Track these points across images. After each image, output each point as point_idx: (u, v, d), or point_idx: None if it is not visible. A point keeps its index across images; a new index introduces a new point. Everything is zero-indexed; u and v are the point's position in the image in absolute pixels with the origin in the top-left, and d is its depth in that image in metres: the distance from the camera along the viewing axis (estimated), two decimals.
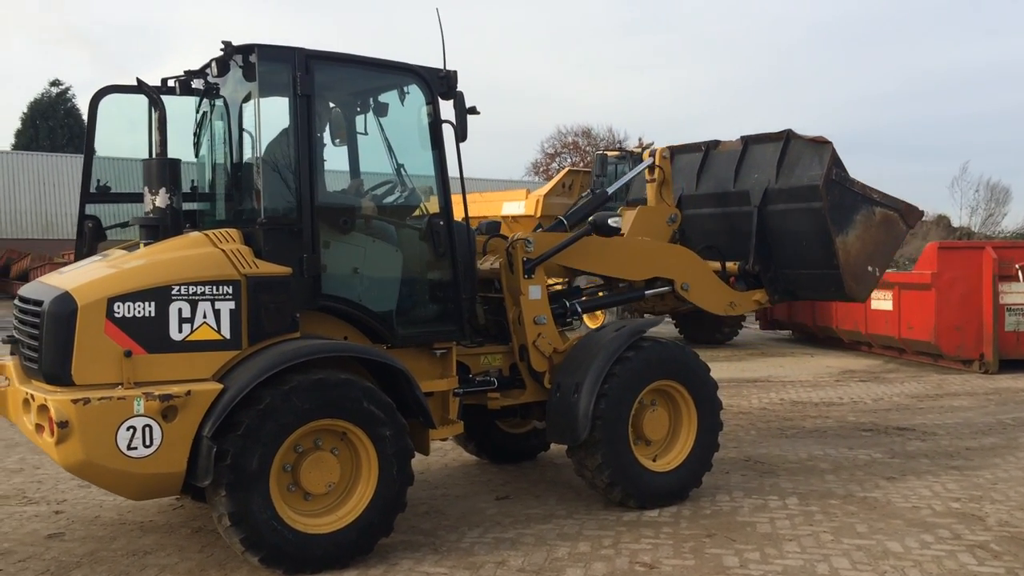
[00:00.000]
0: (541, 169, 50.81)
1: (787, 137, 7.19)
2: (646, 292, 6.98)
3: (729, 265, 7.41)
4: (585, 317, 15.88)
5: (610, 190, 7.63)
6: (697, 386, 6.30)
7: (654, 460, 6.18)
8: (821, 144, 6.96)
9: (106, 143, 5.83)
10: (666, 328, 16.62)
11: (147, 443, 4.43)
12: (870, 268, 7.21)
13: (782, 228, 7.20)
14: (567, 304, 6.62)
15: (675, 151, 8.06)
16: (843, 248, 6.96)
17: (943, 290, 12.50)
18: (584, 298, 7.09)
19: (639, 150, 16.16)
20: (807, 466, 7.27)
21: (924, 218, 28.72)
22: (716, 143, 7.88)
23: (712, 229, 7.71)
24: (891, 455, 7.67)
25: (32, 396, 4.55)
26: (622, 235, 6.91)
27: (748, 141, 7.55)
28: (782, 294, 7.53)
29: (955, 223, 30.56)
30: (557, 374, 6.13)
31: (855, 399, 10.55)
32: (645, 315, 7.87)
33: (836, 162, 6.89)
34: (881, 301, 13.74)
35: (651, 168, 7.46)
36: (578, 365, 6.00)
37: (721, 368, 12.69)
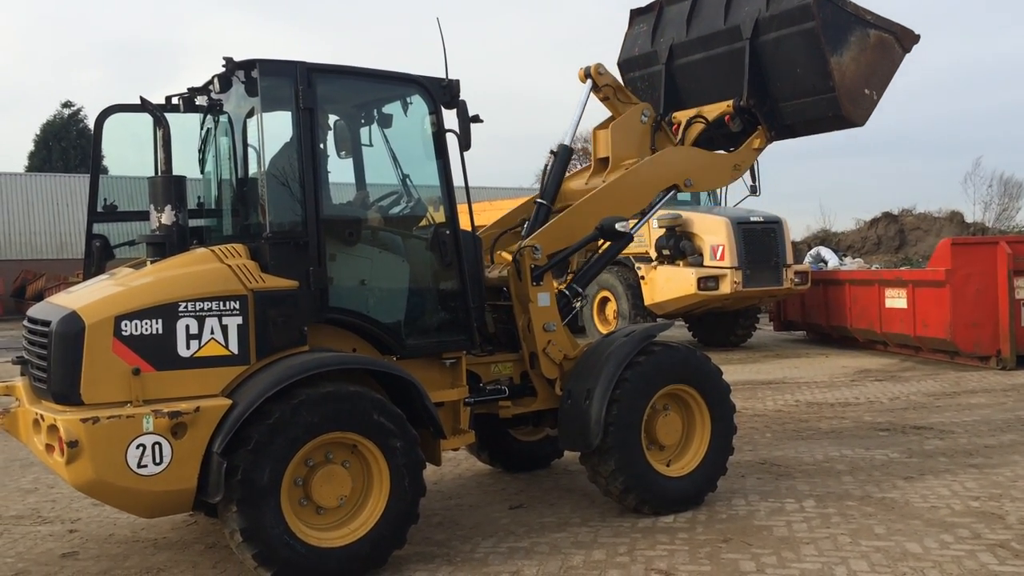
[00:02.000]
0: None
1: None
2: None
3: (722, 106, 7.24)
4: (597, 322, 15.95)
5: (567, 141, 7.18)
6: (709, 389, 6.25)
7: (668, 465, 6.14)
8: None
9: (115, 162, 5.87)
10: (679, 331, 16.58)
11: (157, 460, 4.42)
12: (867, 91, 7.07)
13: (775, 57, 7.05)
14: (566, 292, 6.57)
15: (664, 2, 7.89)
16: (838, 69, 6.82)
17: (958, 286, 12.40)
18: (576, 273, 6.89)
19: None
20: (824, 468, 7.21)
21: (937, 214, 28.12)
22: None
23: (705, 74, 7.52)
24: (908, 455, 7.59)
25: (42, 416, 4.56)
26: (603, 183, 6.80)
27: None
28: (780, 131, 7.35)
29: (968, 219, 30.31)
30: (568, 381, 6.10)
31: (871, 399, 10.46)
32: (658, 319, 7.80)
33: None
34: (896, 299, 13.67)
35: (595, 89, 7.24)
36: (589, 371, 5.97)
37: (735, 370, 12.64)
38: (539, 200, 6.96)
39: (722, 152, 7.29)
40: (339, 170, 5.74)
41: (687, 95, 7.63)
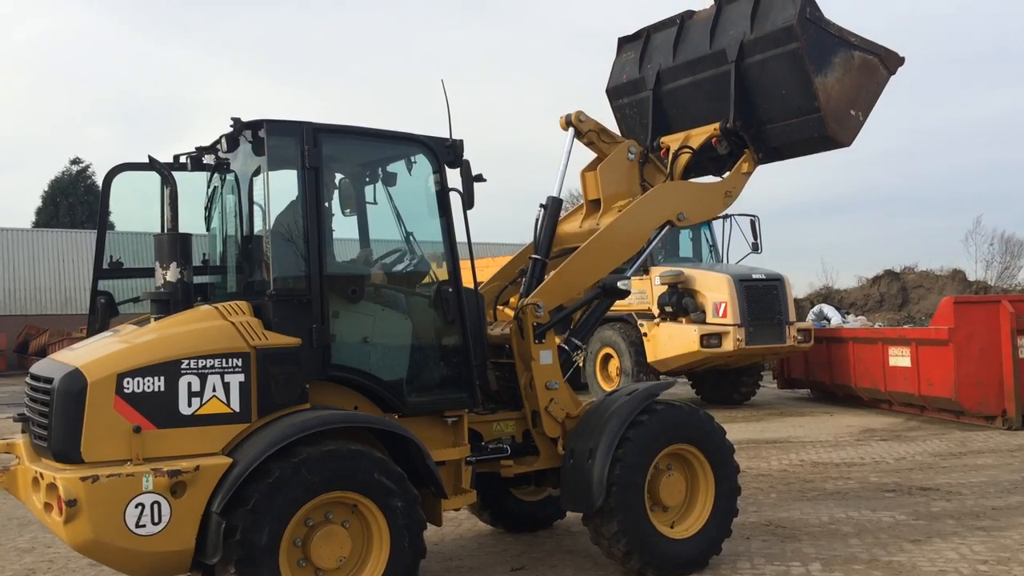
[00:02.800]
0: None
1: None
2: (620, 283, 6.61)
3: (709, 129, 7.22)
4: (600, 379, 15.90)
5: (555, 193, 7.12)
6: (713, 450, 6.20)
7: (672, 527, 6.06)
8: None
9: (121, 218, 5.93)
10: (682, 388, 16.50)
11: (156, 520, 4.38)
12: (852, 112, 7.07)
13: (761, 79, 7.06)
14: (564, 347, 6.55)
15: (651, 30, 7.92)
16: (823, 89, 6.83)
17: (961, 345, 12.37)
18: (574, 326, 6.85)
19: None
20: (830, 530, 7.11)
21: (939, 272, 28.13)
22: (691, 13, 7.70)
23: (692, 98, 7.52)
24: (915, 516, 7.50)
25: (41, 475, 4.53)
26: (596, 227, 6.80)
27: (721, 2, 7.40)
28: (767, 153, 7.32)
29: (970, 277, 30.31)
30: (571, 440, 6.06)
31: (877, 459, 10.37)
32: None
33: (810, 1, 6.79)
34: (899, 358, 13.63)
35: (578, 136, 7.22)
36: (591, 430, 5.93)
37: (739, 429, 12.54)
38: (534, 256, 6.92)
39: (711, 181, 7.26)
40: (343, 226, 5.80)
41: (675, 120, 7.66)
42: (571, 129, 7.19)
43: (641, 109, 7.94)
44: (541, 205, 7.02)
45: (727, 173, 7.38)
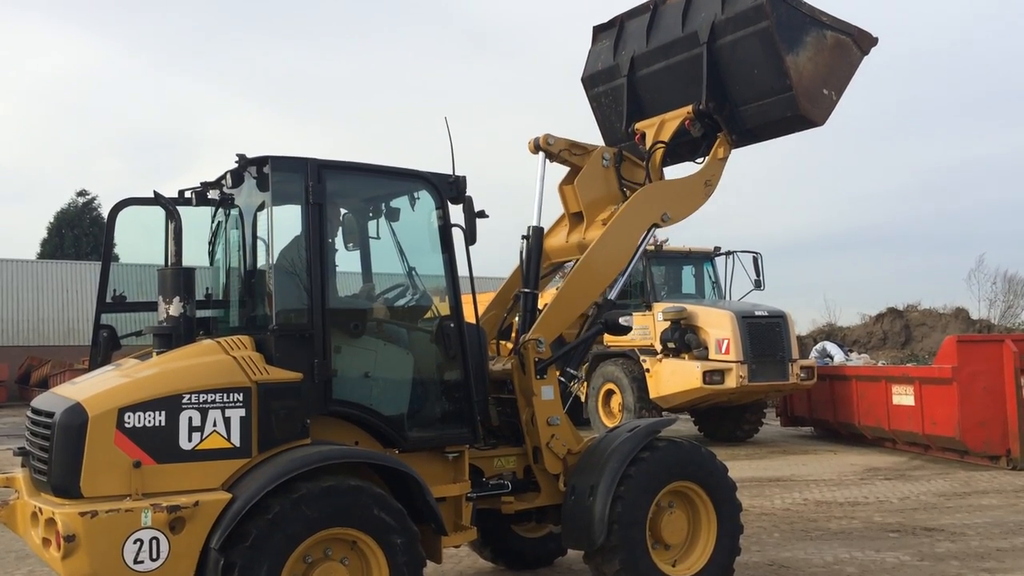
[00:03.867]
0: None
1: None
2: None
3: (683, 111, 7.18)
4: (602, 415, 15.84)
5: (535, 222, 6.95)
6: (715, 487, 6.17)
7: (673, 565, 6.01)
8: None
9: (125, 249, 5.96)
10: (684, 425, 16.43)
11: (154, 556, 4.36)
12: (825, 91, 7.02)
13: (733, 60, 7.03)
14: (561, 379, 6.51)
15: (624, 17, 7.89)
16: (795, 68, 6.80)
17: (965, 384, 12.32)
18: (569, 352, 6.75)
19: (652, 247, 16.26)
20: (833, 570, 7.04)
21: (943, 310, 28.01)
22: None
23: (666, 83, 7.48)
24: (920, 557, 7.43)
25: (40, 509, 4.51)
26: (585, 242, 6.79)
27: None
28: (742, 135, 7.27)
29: (974, 315, 30.24)
30: (572, 476, 6.03)
31: (881, 498, 10.29)
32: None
33: None
34: (903, 396, 13.58)
35: (550, 158, 7.12)
36: (593, 467, 5.91)
37: (741, 467, 12.46)
38: (524, 290, 6.72)
39: (688, 175, 7.17)
40: (345, 260, 5.83)
41: (649, 105, 7.63)
42: (541, 153, 7.11)
43: (616, 96, 7.92)
44: (523, 236, 6.93)
45: (702, 159, 7.30)
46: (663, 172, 7.30)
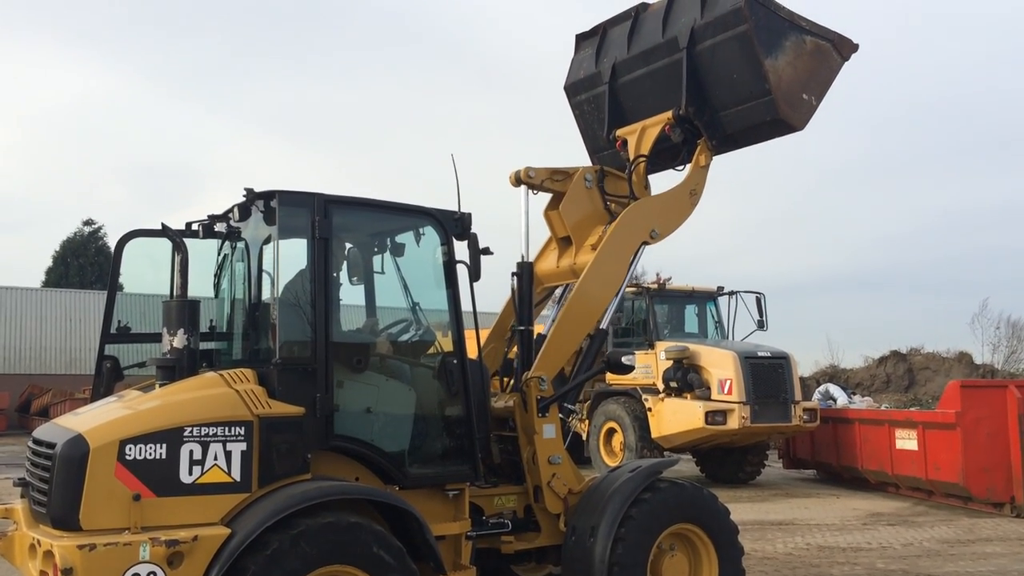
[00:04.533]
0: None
1: None
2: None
3: (663, 117, 7.19)
4: (603, 454, 15.75)
5: (524, 256, 6.94)
6: (717, 530, 6.12)
7: None
8: None
9: (130, 280, 5.98)
10: (686, 466, 16.32)
11: None
12: (805, 96, 7.00)
13: (712, 65, 7.03)
14: (562, 419, 6.49)
15: (607, 25, 7.91)
16: (774, 72, 6.79)
17: (968, 429, 12.24)
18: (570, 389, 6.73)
19: (655, 285, 16.30)
20: None
21: (946, 354, 27.89)
22: (645, 6, 7.69)
23: (647, 89, 7.47)
24: None
25: (39, 541, 4.49)
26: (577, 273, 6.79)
27: None
28: (722, 141, 7.23)
29: (977, 360, 30.15)
30: (573, 516, 6.00)
31: (884, 544, 10.18)
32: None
33: None
34: (906, 440, 13.49)
35: (532, 189, 7.11)
36: (594, 507, 5.88)
37: (743, 509, 12.36)
38: (520, 328, 6.65)
39: (672, 188, 7.15)
40: (351, 294, 5.84)
41: (631, 112, 7.64)
42: (523, 186, 7.10)
43: (598, 104, 7.96)
44: (513, 273, 6.89)
45: (682, 166, 7.31)
46: (648, 183, 7.33)
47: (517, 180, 7.08)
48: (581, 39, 8.24)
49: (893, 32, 57.60)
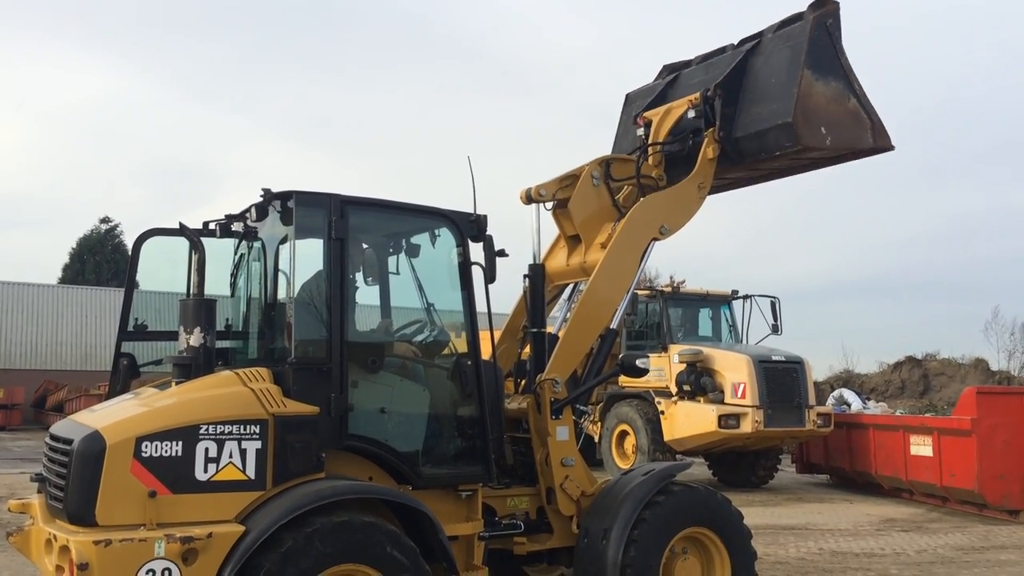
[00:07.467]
0: None
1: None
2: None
3: (691, 96, 7.27)
4: (616, 456, 15.73)
5: (535, 259, 7.03)
6: (730, 534, 6.11)
7: None
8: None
9: (147, 277, 6.03)
10: (699, 470, 16.28)
11: None
12: (823, 130, 6.95)
13: (761, 68, 7.13)
14: (575, 421, 6.48)
15: (696, 61, 7.97)
16: (807, 83, 6.81)
17: (984, 436, 12.17)
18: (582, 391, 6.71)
19: (669, 289, 16.28)
20: None
21: (962, 360, 27.59)
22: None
23: (696, 80, 7.57)
24: None
25: (55, 536, 4.52)
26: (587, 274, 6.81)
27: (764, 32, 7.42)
28: (729, 143, 7.13)
29: (993, 367, 29.93)
30: (585, 518, 6.00)
31: (897, 550, 10.13)
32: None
33: (832, 14, 6.96)
34: (921, 447, 13.42)
35: (542, 204, 7.10)
36: (607, 510, 5.87)
37: (756, 514, 12.31)
38: (533, 330, 6.64)
39: (682, 185, 7.11)
40: (366, 294, 5.86)
41: (670, 99, 7.70)
42: (533, 203, 7.09)
43: (647, 98, 8.05)
44: (524, 276, 6.88)
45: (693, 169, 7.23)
46: (662, 171, 7.33)
47: (528, 199, 7.08)
48: (667, 69, 8.33)
49: (913, 33, 57.30)
